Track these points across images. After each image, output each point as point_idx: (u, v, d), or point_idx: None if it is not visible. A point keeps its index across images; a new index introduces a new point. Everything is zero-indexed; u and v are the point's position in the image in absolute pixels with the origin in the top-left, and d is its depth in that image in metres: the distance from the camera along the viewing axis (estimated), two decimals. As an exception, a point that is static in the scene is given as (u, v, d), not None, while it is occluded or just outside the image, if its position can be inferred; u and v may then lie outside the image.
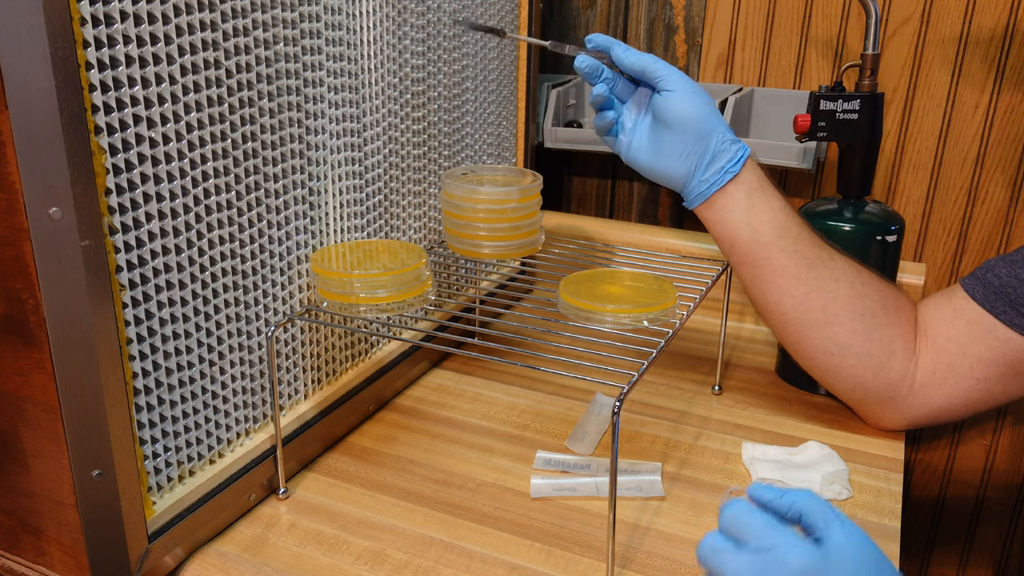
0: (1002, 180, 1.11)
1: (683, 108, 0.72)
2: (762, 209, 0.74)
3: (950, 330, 0.74)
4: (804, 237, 0.75)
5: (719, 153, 0.73)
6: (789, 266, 0.74)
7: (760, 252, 0.75)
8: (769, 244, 0.74)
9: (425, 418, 0.87)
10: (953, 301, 0.75)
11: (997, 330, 0.71)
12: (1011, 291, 0.70)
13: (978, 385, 0.73)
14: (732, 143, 0.74)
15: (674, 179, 0.76)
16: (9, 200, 0.50)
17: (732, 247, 0.76)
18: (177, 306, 0.60)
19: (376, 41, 0.78)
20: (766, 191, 0.75)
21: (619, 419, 0.58)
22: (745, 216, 0.74)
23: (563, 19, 1.30)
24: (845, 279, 0.75)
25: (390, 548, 0.67)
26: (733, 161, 0.73)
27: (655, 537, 0.69)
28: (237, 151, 0.64)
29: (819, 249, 0.75)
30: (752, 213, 0.74)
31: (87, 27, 0.49)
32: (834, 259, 0.76)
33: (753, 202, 0.74)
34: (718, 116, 0.74)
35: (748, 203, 0.74)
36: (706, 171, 0.74)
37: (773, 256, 0.74)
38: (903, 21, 1.09)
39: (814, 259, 0.75)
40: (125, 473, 0.57)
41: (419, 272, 0.72)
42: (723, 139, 0.74)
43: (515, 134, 1.12)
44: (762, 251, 0.74)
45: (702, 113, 0.73)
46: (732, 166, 0.73)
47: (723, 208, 0.75)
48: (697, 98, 0.73)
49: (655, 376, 0.96)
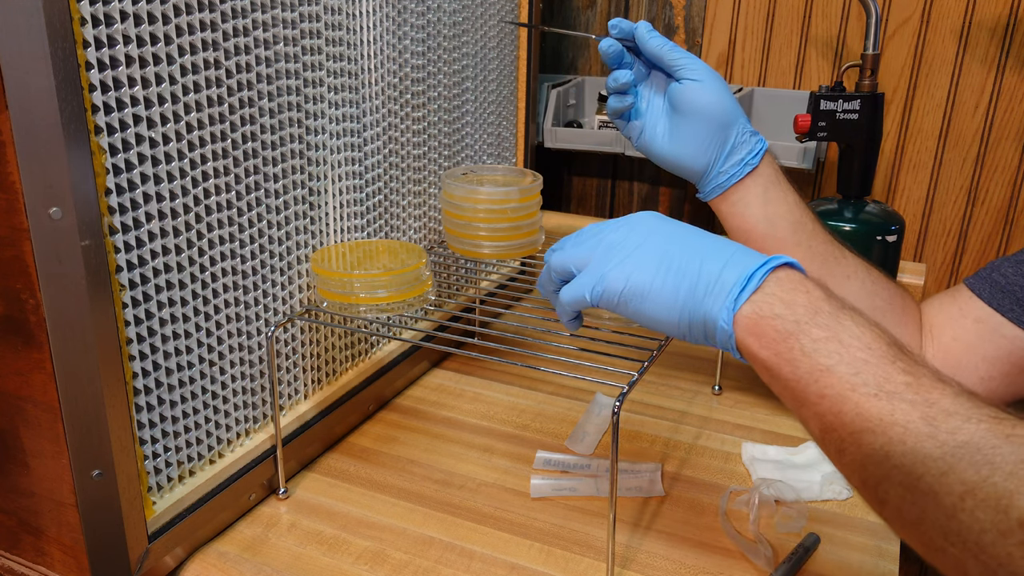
0: (1002, 180, 1.11)
1: (707, 98, 0.70)
2: (778, 203, 0.73)
3: (956, 329, 0.74)
4: (818, 233, 0.74)
5: (739, 145, 0.72)
6: (803, 261, 0.73)
7: (775, 247, 0.73)
8: (784, 239, 0.73)
9: (425, 418, 0.87)
10: (958, 300, 0.75)
11: (1004, 328, 0.71)
12: (1018, 289, 0.70)
13: (982, 384, 0.73)
14: (752, 135, 0.73)
15: (690, 169, 0.74)
16: (9, 200, 0.50)
17: (746, 240, 0.74)
18: (177, 306, 0.60)
19: (376, 41, 0.78)
20: (782, 185, 0.74)
21: (619, 419, 0.58)
22: (762, 210, 0.73)
23: (563, 19, 1.30)
24: (856, 277, 0.74)
25: (390, 548, 0.67)
26: (752, 153, 0.72)
27: (655, 537, 0.69)
28: (237, 151, 0.64)
29: (832, 246, 0.74)
30: (769, 207, 0.73)
31: (87, 27, 0.49)
32: (845, 256, 0.75)
33: (770, 196, 0.73)
34: (738, 106, 0.72)
35: (765, 197, 0.73)
36: (725, 163, 0.72)
37: (788, 251, 0.73)
38: (903, 21, 1.09)
39: (827, 256, 0.74)
40: (125, 473, 0.57)
41: (419, 272, 0.72)
42: (743, 130, 0.72)
43: (515, 134, 1.12)
44: (777, 246, 0.73)
45: (725, 104, 0.71)
46: (752, 158, 0.72)
47: (740, 201, 0.73)
48: (721, 88, 0.71)
49: (655, 376, 0.95)
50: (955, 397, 0.43)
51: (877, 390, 0.44)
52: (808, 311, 0.48)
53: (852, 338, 0.46)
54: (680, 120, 0.72)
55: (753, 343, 0.49)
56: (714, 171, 0.73)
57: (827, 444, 0.47)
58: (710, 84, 0.70)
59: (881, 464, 0.43)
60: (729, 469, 0.78)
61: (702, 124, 0.71)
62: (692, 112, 0.71)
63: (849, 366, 0.45)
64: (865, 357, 0.46)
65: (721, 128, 0.71)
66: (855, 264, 0.75)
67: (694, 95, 0.70)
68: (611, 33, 0.73)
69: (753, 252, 0.52)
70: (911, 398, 0.43)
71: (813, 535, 0.68)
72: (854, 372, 0.45)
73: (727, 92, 0.71)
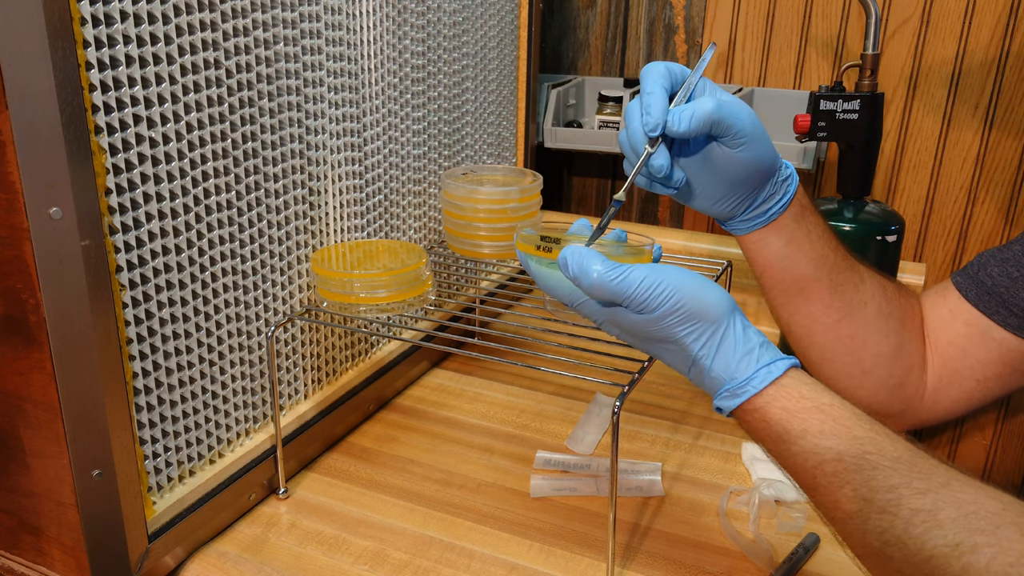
0: (1002, 180, 1.11)
1: (749, 162, 0.61)
2: (801, 241, 0.69)
3: (949, 332, 0.74)
4: (839, 263, 0.71)
5: (770, 196, 0.66)
6: (823, 295, 0.71)
7: (794, 282, 0.71)
8: (805, 275, 0.70)
9: (425, 418, 0.87)
10: (948, 301, 0.75)
11: (992, 331, 0.71)
12: (1003, 291, 0.70)
13: (979, 386, 0.73)
14: (783, 182, 0.66)
15: (714, 215, 0.69)
16: (9, 200, 0.50)
17: (764, 272, 0.72)
18: (177, 306, 0.60)
19: (376, 41, 0.78)
20: (807, 220, 0.69)
21: (619, 419, 0.58)
22: (783, 250, 0.69)
23: (563, 19, 1.30)
24: (873, 301, 0.72)
25: (390, 548, 0.67)
26: (780, 204, 0.67)
27: (655, 537, 0.69)
28: (237, 151, 0.64)
29: (851, 273, 0.71)
30: (791, 247, 0.69)
31: (87, 27, 0.49)
32: (864, 281, 0.72)
33: (794, 235, 0.69)
34: (776, 154, 0.64)
35: (788, 238, 0.69)
36: (751, 211, 0.66)
37: (807, 286, 0.70)
38: (903, 21, 1.09)
39: (847, 285, 0.71)
40: (125, 473, 0.57)
41: (419, 272, 0.72)
42: (776, 180, 0.65)
43: (515, 134, 1.12)
44: (796, 281, 0.70)
45: (766, 160, 0.62)
46: (778, 209, 0.66)
47: (760, 239, 0.69)
48: (764, 144, 0.61)
49: (655, 376, 0.95)
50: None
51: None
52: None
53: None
54: (713, 177, 0.64)
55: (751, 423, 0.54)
56: (737, 219, 0.68)
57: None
58: (755, 143, 0.61)
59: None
60: (729, 469, 0.78)
61: (737, 185, 0.64)
62: (729, 174, 0.63)
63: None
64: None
65: (758, 184, 0.65)
66: (871, 288, 0.72)
67: (737, 160, 0.61)
68: (646, 131, 0.59)
69: (756, 373, 0.53)
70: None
71: (813, 535, 0.68)
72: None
73: (768, 143, 0.63)
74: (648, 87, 0.59)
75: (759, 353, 0.53)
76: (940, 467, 0.49)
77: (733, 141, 0.60)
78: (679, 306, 0.52)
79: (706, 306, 0.52)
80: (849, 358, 0.73)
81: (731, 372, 0.52)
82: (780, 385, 0.52)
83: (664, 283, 0.52)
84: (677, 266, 0.54)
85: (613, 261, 0.52)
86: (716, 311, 0.53)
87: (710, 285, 0.53)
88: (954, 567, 0.43)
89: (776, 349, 0.54)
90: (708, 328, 0.52)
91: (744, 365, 0.52)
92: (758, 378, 0.52)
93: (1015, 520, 0.44)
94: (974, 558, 0.43)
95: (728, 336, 0.53)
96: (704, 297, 0.52)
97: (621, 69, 1.28)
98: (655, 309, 0.52)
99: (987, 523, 0.44)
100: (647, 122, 0.58)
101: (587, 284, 0.52)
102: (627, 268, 0.52)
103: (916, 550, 0.45)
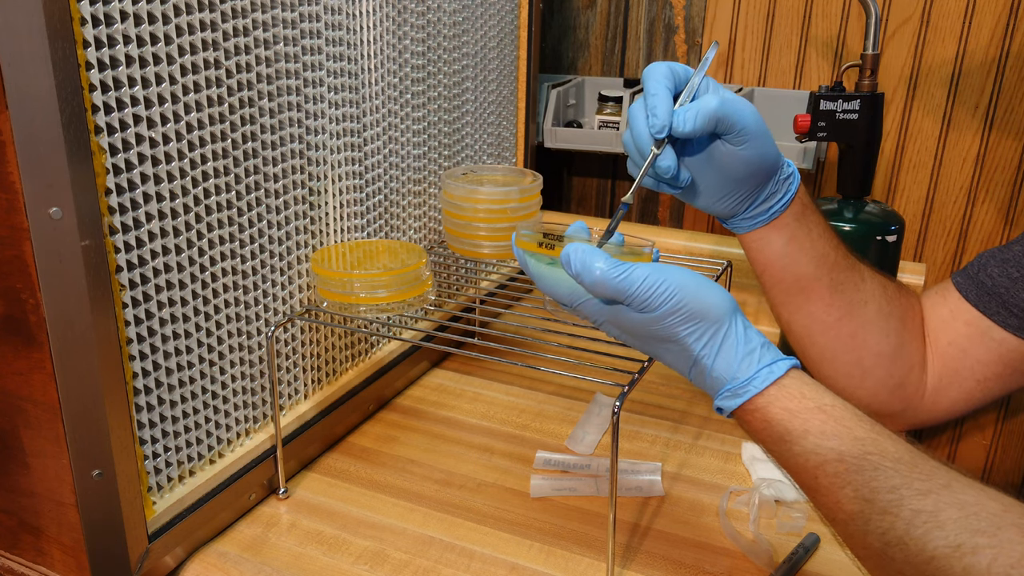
0: (1002, 180, 1.11)
1: (752, 160, 0.61)
2: (802, 239, 0.69)
3: (950, 333, 0.74)
4: (839, 262, 0.71)
5: (772, 194, 0.66)
6: (823, 294, 0.71)
7: (794, 281, 0.71)
8: (806, 274, 0.70)
9: (425, 418, 0.87)
10: (949, 301, 0.75)
11: (992, 331, 0.71)
12: (1003, 292, 0.70)
13: (979, 386, 0.73)
14: (785, 180, 0.66)
15: (715, 214, 0.69)
16: (9, 200, 0.50)
17: (765, 271, 0.72)
18: (177, 306, 0.60)
19: (376, 41, 0.78)
20: (808, 219, 0.69)
21: (619, 419, 0.58)
22: (784, 248, 0.69)
23: (563, 19, 1.30)
24: (873, 301, 0.72)
25: (390, 548, 0.67)
26: (782, 202, 0.66)
27: (655, 537, 0.69)
28: (237, 151, 0.64)
29: (852, 272, 0.71)
30: (792, 245, 0.69)
31: (87, 27, 0.49)
32: (864, 280, 0.72)
33: (795, 233, 0.69)
34: (779, 153, 0.64)
35: (788, 236, 0.69)
36: (752, 209, 0.67)
37: (808, 285, 0.70)
38: (903, 21, 1.09)
39: (847, 284, 0.71)
40: (125, 473, 0.57)
41: (419, 272, 0.72)
42: (779, 178, 0.65)
43: (515, 134, 1.12)
44: (797, 280, 0.71)
45: (769, 158, 0.62)
46: (779, 207, 0.66)
47: (762, 238, 0.69)
48: (767, 142, 0.61)
49: (655, 376, 0.95)
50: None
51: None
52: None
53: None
54: (717, 175, 0.64)
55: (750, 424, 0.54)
56: (738, 218, 0.68)
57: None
58: (758, 140, 0.61)
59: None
60: (729, 469, 0.78)
61: (739, 182, 0.64)
62: (731, 171, 0.63)
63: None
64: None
65: (761, 182, 0.65)
66: (872, 288, 0.72)
67: (740, 158, 0.62)
68: (653, 133, 0.59)
69: (754, 377, 0.53)
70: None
71: (813, 535, 0.68)
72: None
73: (771, 141, 0.62)
74: (652, 88, 0.59)
75: (760, 353, 0.53)
76: (941, 468, 0.49)
77: (737, 138, 0.60)
78: (681, 305, 0.52)
79: (708, 306, 0.52)
80: (849, 357, 0.73)
81: (733, 372, 0.52)
82: (782, 385, 0.52)
83: (666, 282, 0.52)
84: (678, 266, 0.54)
85: (616, 259, 0.52)
86: (718, 311, 0.52)
87: (712, 285, 0.53)
88: (955, 568, 0.43)
89: (777, 350, 0.54)
90: (710, 328, 0.52)
91: (746, 365, 0.52)
92: (759, 378, 0.52)
93: (1016, 522, 0.44)
94: (975, 559, 0.43)
95: (730, 336, 0.53)
96: (706, 297, 0.52)
97: (621, 69, 1.28)
98: (657, 308, 0.52)
99: (988, 524, 0.44)
100: (653, 124, 0.58)
101: (590, 281, 0.52)
102: (630, 266, 0.52)
103: (917, 551, 0.45)
